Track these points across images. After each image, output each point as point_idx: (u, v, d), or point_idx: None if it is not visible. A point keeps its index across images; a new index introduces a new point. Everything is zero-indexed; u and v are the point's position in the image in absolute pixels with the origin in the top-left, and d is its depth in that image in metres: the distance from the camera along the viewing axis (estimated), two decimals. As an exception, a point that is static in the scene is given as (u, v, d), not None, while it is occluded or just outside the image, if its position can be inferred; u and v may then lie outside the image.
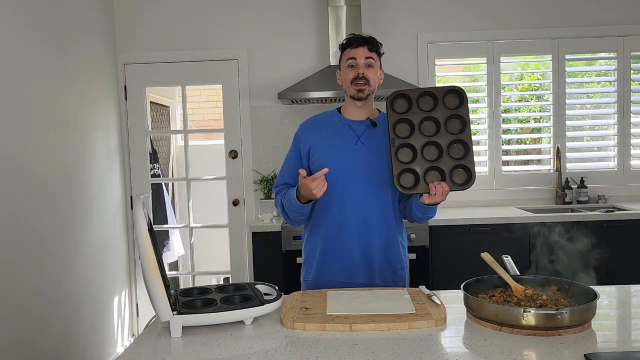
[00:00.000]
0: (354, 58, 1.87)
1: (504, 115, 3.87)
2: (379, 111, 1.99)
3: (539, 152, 4.04)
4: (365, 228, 1.87)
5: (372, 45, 1.89)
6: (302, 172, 1.73)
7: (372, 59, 1.88)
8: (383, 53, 1.94)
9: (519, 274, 1.59)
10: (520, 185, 3.86)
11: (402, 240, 1.96)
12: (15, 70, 2.55)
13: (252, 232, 3.29)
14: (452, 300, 1.55)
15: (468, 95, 3.94)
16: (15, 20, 2.57)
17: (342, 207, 1.87)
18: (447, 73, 3.93)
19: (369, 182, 1.86)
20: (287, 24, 3.81)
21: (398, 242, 1.93)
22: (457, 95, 1.78)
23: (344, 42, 1.92)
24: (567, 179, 3.79)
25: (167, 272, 3.10)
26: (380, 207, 1.87)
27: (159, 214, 4.19)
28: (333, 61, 3.55)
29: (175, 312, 1.36)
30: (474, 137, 3.94)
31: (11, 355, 2.41)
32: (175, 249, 4.47)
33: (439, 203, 1.73)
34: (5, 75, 2.47)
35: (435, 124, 1.76)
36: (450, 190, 1.71)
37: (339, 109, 2.00)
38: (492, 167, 3.86)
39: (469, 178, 1.72)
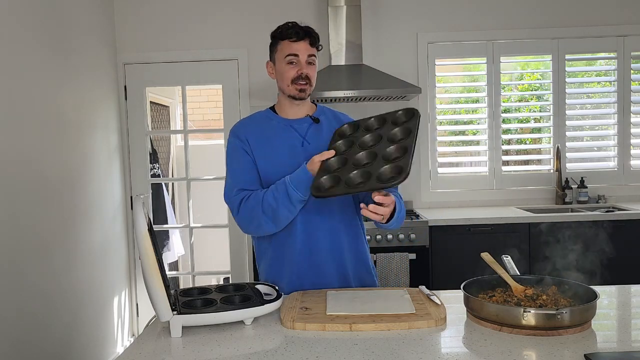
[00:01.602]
0: (295, 55, 1.69)
1: (504, 115, 3.87)
2: (316, 105, 1.86)
3: (539, 152, 4.04)
4: (331, 236, 1.73)
5: (314, 39, 1.72)
6: (333, 152, 1.59)
7: (314, 56, 1.72)
8: (321, 47, 1.77)
9: (519, 274, 1.59)
10: (520, 185, 3.86)
11: (365, 239, 1.85)
12: (15, 71, 2.54)
13: (252, 232, 3.29)
14: (452, 300, 1.55)
15: (468, 95, 3.98)
16: (15, 21, 2.57)
17: (306, 218, 1.70)
18: (447, 73, 3.93)
19: None
20: (287, 24, 3.81)
21: (364, 240, 1.83)
22: (410, 112, 1.63)
23: (280, 31, 1.72)
24: (567, 179, 3.79)
25: (167, 272, 3.10)
26: (341, 208, 1.73)
27: (159, 214, 4.19)
28: (334, 61, 3.55)
29: (175, 312, 1.36)
30: (474, 137, 3.96)
31: (11, 355, 2.41)
32: (175, 249, 4.47)
33: (385, 216, 1.55)
34: (5, 76, 2.47)
35: (377, 139, 1.61)
36: (379, 189, 1.47)
37: (272, 109, 1.84)
38: (492, 167, 3.86)
39: (398, 173, 1.46)
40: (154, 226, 1.51)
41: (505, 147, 3.92)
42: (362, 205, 1.52)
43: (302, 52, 1.70)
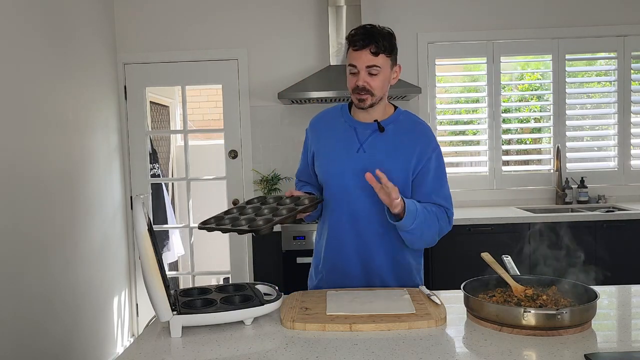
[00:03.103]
0: (353, 65, 1.64)
1: (504, 115, 3.87)
2: (395, 108, 1.77)
3: (539, 152, 4.04)
4: (363, 246, 1.72)
5: (379, 46, 1.60)
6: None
7: (377, 66, 1.62)
8: (394, 51, 1.67)
9: (519, 274, 1.59)
10: (520, 185, 3.86)
11: (414, 259, 1.78)
12: (14, 71, 2.54)
13: (252, 232, 3.28)
14: (452, 300, 1.55)
15: (468, 95, 3.99)
16: (15, 20, 2.57)
17: (339, 223, 1.73)
18: (447, 73, 3.93)
19: (368, 195, 1.66)
20: (287, 24, 3.81)
21: (408, 261, 1.76)
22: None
23: (350, 34, 1.65)
24: (567, 178, 3.79)
25: (167, 272, 3.10)
26: (381, 220, 1.68)
27: (159, 214, 4.19)
28: (333, 61, 3.55)
29: (175, 312, 1.36)
30: (474, 137, 3.96)
31: (12, 355, 2.41)
32: (175, 249, 4.47)
33: (390, 201, 1.54)
34: (5, 76, 2.47)
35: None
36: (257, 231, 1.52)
37: (350, 104, 1.79)
38: (492, 167, 3.86)
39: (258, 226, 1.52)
40: (154, 226, 1.51)
41: (505, 147, 3.92)
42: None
43: (360, 62, 1.63)
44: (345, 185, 1.71)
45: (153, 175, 4.03)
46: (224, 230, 1.56)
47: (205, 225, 1.60)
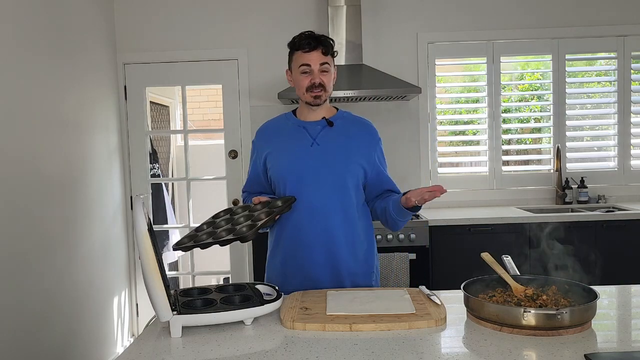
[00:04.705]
0: (307, 65, 1.78)
1: (504, 115, 3.87)
2: (337, 109, 1.91)
3: (539, 152, 4.04)
4: (327, 235, 1.79)
5: (326, 47, 1.79)
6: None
7: (327, 64, 1.79)
8: (336, 53, 1.85)
9: (519, 274, 1.59)
10: (520, 185, 3.86)
11: (370, 240, 1.89)
12: (15, 71, 2.54)
13: (252, 232, 3.29)
14: (452, 300, 1.55)
15: (468, 95, 3.98)
16: (15, 21, 2.57)
17: (300, 216, 1.79)
18: (447, 73, 3.93)
19: (327, 184, 1.78)
20: (287, 24, 3.81)
21: (365, 242, 1.86)
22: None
23: (294, 41, 1.81)
24: (567, 179, 3.79)
25: (167, 272, 3.10)
26: (342, 209, 1.80)
27: (159, 214, 4.19)
28: (333, 61, 3.55)
29: (175, 312, 1.36)
30: (474, 137, 3.96)
31: (12, 355, 2.41)
32: (176, 248, 4.46)
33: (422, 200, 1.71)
34: (5, 76, 2.47)
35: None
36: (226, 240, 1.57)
37: (294, 111, 1.93)
38: (492, 167, 3.86)
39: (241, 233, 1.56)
40: (154, 226, 1.51)
41: (505, 147, 3.92)
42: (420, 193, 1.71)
43: (314, 61, 1.78)
44: (303, 179, 1.79)
45: (153, 175, 4.03)
46: (204, 246, 1.57)
47: (181, 246, 1.59)
